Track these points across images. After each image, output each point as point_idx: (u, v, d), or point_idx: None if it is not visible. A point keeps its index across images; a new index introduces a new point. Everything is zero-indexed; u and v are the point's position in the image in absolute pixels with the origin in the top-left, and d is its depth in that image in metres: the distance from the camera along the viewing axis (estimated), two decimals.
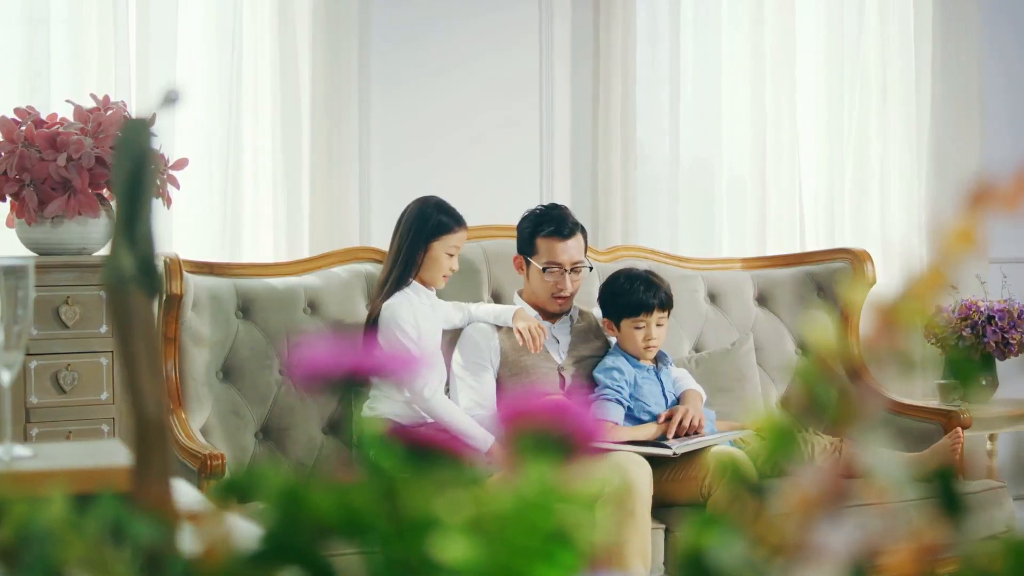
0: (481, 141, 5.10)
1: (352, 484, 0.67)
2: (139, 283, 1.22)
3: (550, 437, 0.70)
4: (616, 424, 4.11)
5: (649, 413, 4.15)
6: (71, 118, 3.90)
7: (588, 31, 5.20)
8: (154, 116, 3.76)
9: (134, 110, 4.32)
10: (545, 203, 4.44)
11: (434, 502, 0.65)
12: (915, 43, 5.64)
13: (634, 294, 4.22)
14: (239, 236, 4.66)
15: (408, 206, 4.23)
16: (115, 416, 3.90)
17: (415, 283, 4.17)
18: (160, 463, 1.20)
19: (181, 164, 3.95)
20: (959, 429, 4.30)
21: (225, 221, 4.66)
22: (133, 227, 1.23)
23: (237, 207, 4.66)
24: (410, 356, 0.74)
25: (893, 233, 5.65)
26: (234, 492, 0.73)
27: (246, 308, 4.28)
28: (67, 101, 3.92)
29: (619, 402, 4.14)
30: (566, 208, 4.37)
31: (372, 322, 4.14)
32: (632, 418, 4.16)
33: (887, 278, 5.60)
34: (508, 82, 5.16)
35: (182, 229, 4.58)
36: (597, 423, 0.74)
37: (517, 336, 4.17)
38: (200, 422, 4.07)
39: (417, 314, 4.12)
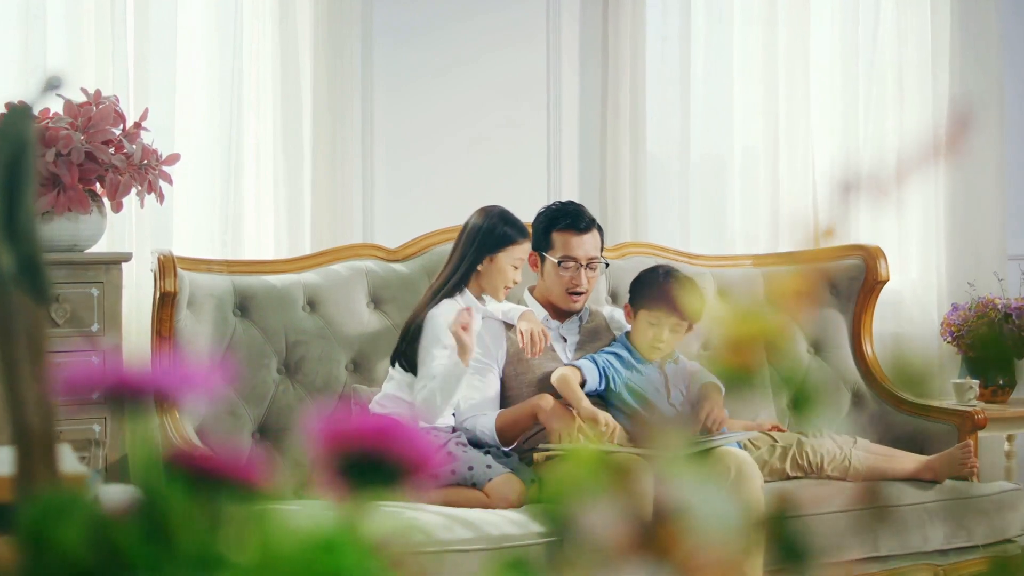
0: (488, 138, 5.02)
1: (117, 518, 0.59)
2: (21, 284, 1.14)
3: (374, 463, 0.62)
4: (578, 370, 4.02)
5: (648, 402, 4.06)
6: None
7: (597, 27, 5.10)
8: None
9: (131, 106, 4.26)
10: (562, 199, 4.35)
11: (213, 539, 0.57)
12: (932, 36, 5.52)
13: (661, 289, 4.11)
14: (240, 233, 4.59)
15: (471, 216, 4.13)
16: (106, 415, 3.83)
17: (467, 292, 4.08)
18: (45, 477, 1.12)
19: (173, 159, 3.88)
20: (970, 442, 4.19)
21: (227, 218, 4.59)
22: (12, 222, 1.15)
23: (238, 204, 4.59)
24: (193, 373, 0.66)
25: (911, 229, 5.54)
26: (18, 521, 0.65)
27: (244, 306, 4.21)
28: (57, 95, 3.85)
29: (593, 362, 4.06)
30: (582, 205, 4.28)
31: (413, 327, 4.02)
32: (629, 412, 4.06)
33: (903, 275, 5.50)
34: (515, 79, 5.07)
35: (182, 226, 4.52)
36: (433, 449, 0.66)
37: (518, 337, 4.08)
38: (196, 423, 4.01)
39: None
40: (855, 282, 4.80)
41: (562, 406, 3.94)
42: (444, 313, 3.97)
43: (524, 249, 4.10)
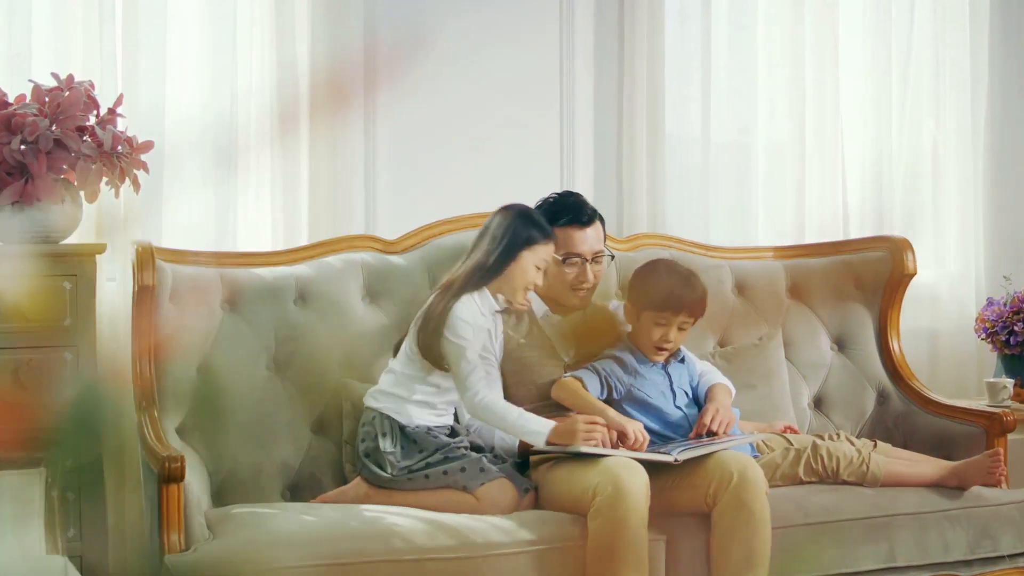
0: (500, 126, 4.80)
1: None
2: None
3: None
4: (581, 382, 3.82)
5: (652, 407, 3.84)
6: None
7: (612, 8, 4.88)
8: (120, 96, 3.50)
9: (117, 91, 4.10)
10: (559, 191, 4.12)
11: None
12: (971, 14, 5.25)
13: (667, 288, 3.88)
14: (235, 225, 4.43)
15: (495, 215, 3.89)
16: None
17: (486, 292, 3.87)
18: None
19: (146, 147, 3.71)
20: (999, 450, 3.94)
21: (223, 209, 4.43)
22: None
23: (232, 195, 4.42)
24: None
25: (947, 220, 5.28)
26: None
27: (232, 299, 4.05)
28: (29, 80, 3.70)
29: (592, 369, 3.85)
30: (581, 196, 4.07)
31: (434, 319, 3.82)
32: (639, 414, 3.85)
33: (939, 268, 5.25)
34: (528, 64, 4.83)
35: (173, 216, 4.35)
36: None
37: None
38: (177, 421, 3.85)
39: (478, 322, 3.83)
40: (881, 275, 4.56)
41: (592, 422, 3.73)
42: (466, 309, 3.78)
43: (549, 250, 3.87)
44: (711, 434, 3.79)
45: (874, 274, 4.57)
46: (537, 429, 3.68)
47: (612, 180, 4.89)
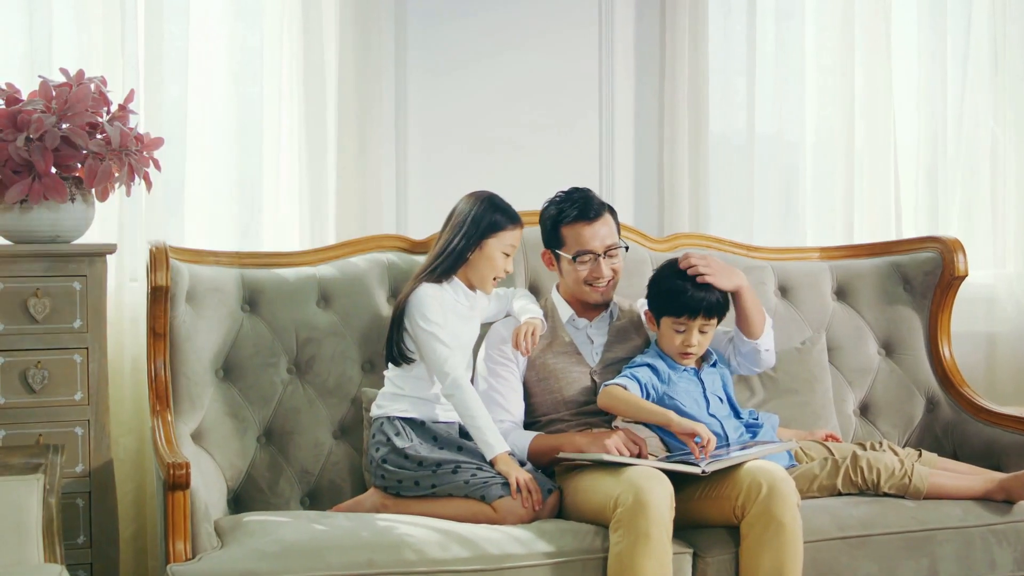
0: (536, 122, 4.66)
1: None
2: None
3: None
4: (625, 388, 3.67)
5: (685, 415, 3.68)
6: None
7: (654, 2, 4.72)
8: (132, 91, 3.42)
9: (142, 89, 4.02)
10: (565, 189, 3.96)
11: None
12: None
13: (681, 292, 3.73)
14: (260, 224, 4.34)
15: (461, 201, 3.83)
16: (90, 418, 3.59)
17: (456, 280, 3.80)
18: None
19: (156, 144, 3.61)
20: None
21: (248, 208, 4.35)
22: None
23: (258, 194, 4.33)
24: None
25: (1006, 219, 5.06)
26: None
27: (252, 301, 3.95)
28: (38, 76, 3.62)
29: (633, 378, 3.70)
30: (589, 190, 3.91)
31: (398, 311, 3.78)
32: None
33: (997, 269, 5.04)
34: (565, 57, 4.70)
35: (197, 216, 4.27)
36: None
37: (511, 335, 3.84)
38: (193, 425, 3.76)
39: (447, 311, 3.74)
40: (931, 277, 4.37)
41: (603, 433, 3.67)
42: (425, 295, 3.72)
43: (514, 235, 3.81)
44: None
45: (924, 276, 4.39)
46: (491, 442, 3.60)
47: (653, 180, 4.74)
